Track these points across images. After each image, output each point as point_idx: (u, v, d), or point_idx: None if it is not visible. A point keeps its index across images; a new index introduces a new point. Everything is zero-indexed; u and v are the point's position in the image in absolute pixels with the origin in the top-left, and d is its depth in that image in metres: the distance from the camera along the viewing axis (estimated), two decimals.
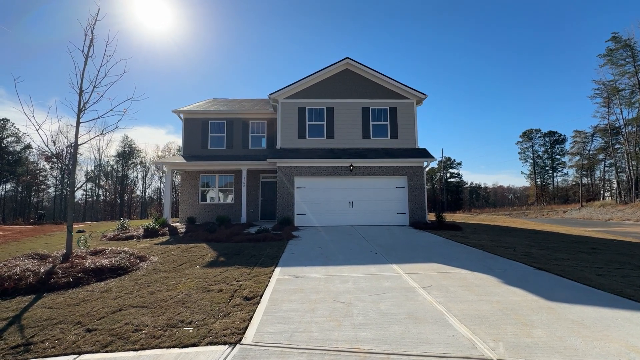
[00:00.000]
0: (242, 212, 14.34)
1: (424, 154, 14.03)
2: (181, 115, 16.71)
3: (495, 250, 7.75)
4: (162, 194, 48.98)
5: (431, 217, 13.77)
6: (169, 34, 75.55)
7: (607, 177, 52.47)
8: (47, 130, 6.52)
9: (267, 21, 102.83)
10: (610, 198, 48.49)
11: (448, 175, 65.67)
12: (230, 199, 16.63)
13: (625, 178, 43.41)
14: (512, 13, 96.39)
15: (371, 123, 14.69)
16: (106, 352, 2.99)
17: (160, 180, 51.16)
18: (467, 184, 70.45)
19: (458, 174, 66.95)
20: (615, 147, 45.14)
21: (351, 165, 13.38)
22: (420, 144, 14.70)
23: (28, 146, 43.86)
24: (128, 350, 3.01)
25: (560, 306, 3.96)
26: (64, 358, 2.90)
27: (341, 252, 7.64)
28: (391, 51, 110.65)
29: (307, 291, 4.67)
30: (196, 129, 16.63)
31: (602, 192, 52.83)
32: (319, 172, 13.49)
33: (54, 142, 7.08)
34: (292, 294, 4.53)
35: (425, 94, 14.74)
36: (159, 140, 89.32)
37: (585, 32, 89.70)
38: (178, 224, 14.69)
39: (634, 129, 40.10)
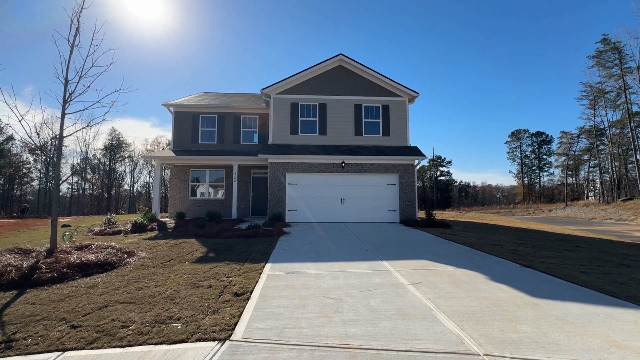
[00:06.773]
0: (232, 208, 14.23)
1: (415, 152, 14.14)
2: (171, 109, 16.42)
3: (483, 248, 7.89)
4: (151, 188, 48.16)
5: (421, 214, 13.92)
6: (160, 25, 73.82)
7: (591, 177, 54.07)
8: (30, 121, 6.35)
9: (261, 13, 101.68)
10: (593, 198, 49.93)
11: (438, 173, 66.47)
12: (220, 194, 16.48)
13: (608, 178, 44.77)
14: (506, 5, 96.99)
15: (363, 120, 14.71)
16: (92, 349, 2.92)
17: (149, 175, 50.37)
18: (456, 182, 71.54)
19: (448, 172, 67.92)
20: (600, 148, 46.45)
21: (343, 162, 13.40)
22: (412, 142, 14.81)
23: (11, 137, 42.31)
24: (114, 347, 2.95)
25: (544, 302, 4.06)
26: (47, 355, 2.83)
27: (332, 249, 7.66)
28: (382, 42, 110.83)
29: (297, 287, 4.67)
30: (187, 122, 16.37)
31: (586, 191, 54.36)
32: (310, 169, 13.47)
33: (38, 134, 6.88)
34: (282, 290, 4.52)
35: (417, 92, 14.81)
36: (142, 132, 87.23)
37: (579, 26, 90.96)
38: (167, 219, 14.48)
39: (618, 131, 41.30)
